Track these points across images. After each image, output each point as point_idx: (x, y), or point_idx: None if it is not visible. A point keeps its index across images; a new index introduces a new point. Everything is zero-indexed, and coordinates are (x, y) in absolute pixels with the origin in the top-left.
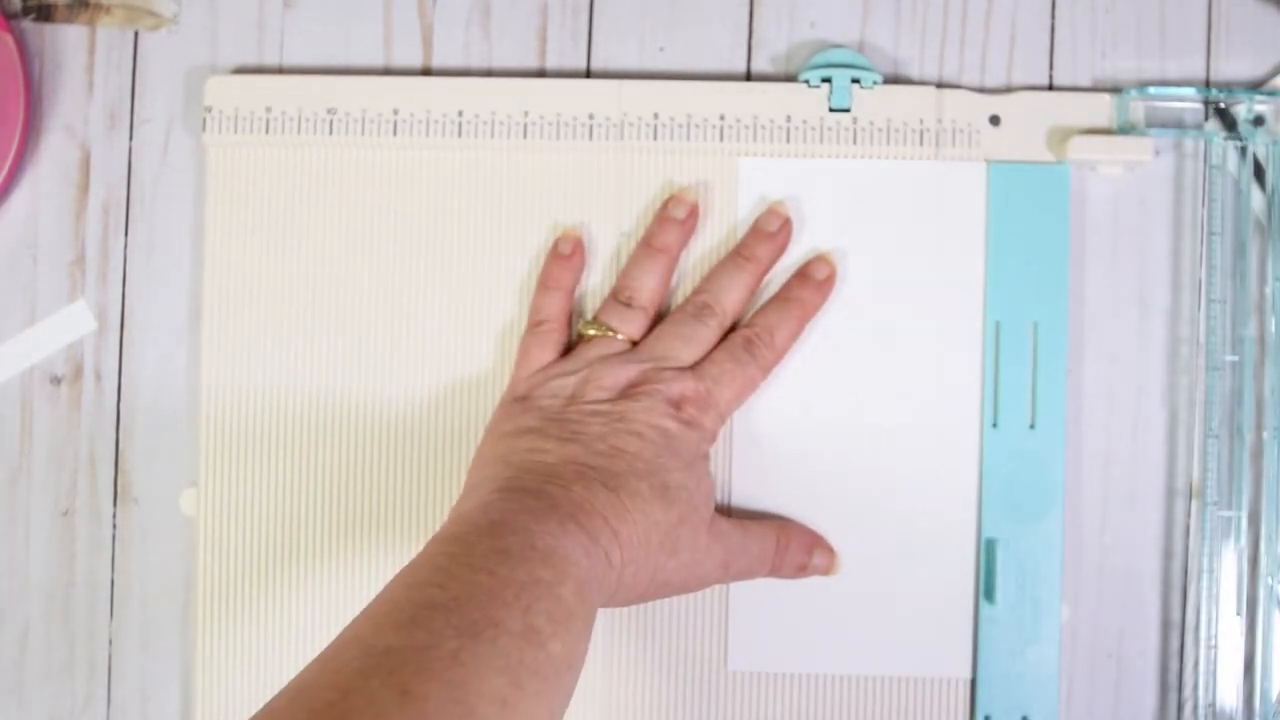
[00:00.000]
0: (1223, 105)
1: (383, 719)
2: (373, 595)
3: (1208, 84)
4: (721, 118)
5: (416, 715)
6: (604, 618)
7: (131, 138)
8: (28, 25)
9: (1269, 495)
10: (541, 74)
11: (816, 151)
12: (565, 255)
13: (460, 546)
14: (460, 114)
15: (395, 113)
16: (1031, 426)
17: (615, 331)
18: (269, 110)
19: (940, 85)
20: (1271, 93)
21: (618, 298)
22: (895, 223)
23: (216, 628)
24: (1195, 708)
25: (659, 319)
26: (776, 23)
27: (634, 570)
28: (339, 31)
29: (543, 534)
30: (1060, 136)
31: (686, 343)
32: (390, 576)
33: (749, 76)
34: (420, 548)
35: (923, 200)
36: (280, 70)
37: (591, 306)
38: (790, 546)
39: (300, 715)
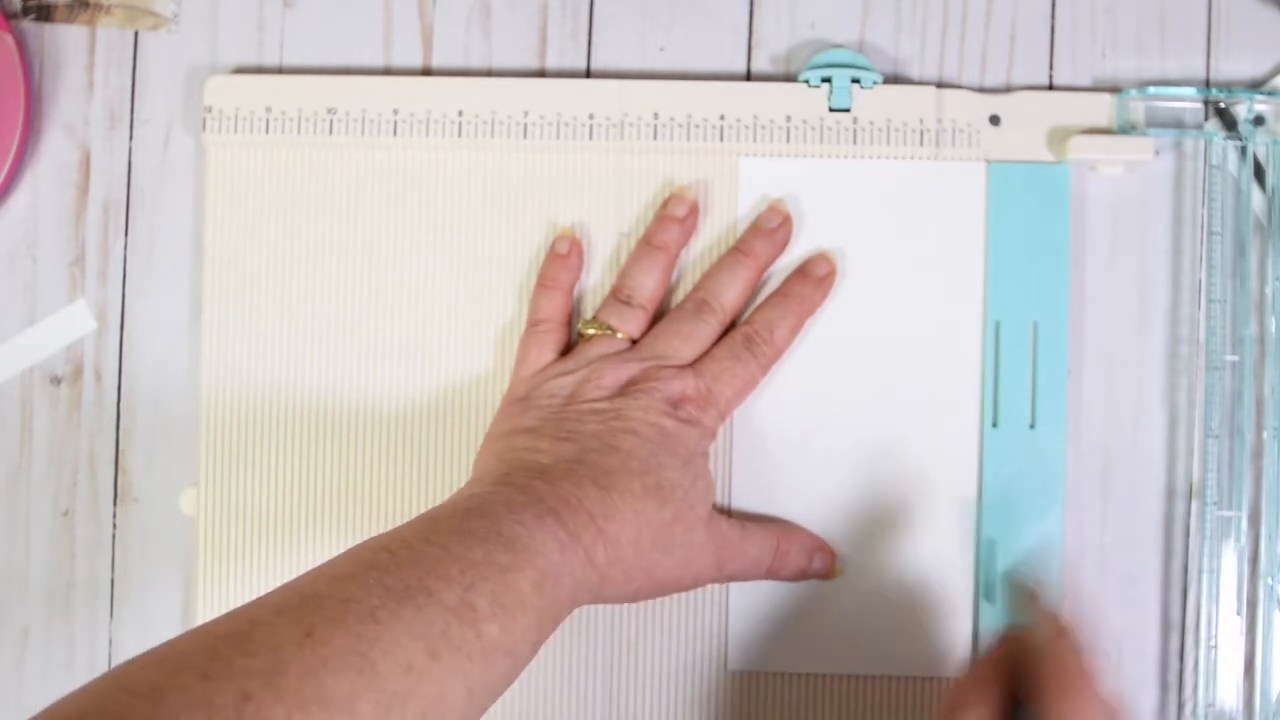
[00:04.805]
0: (1223, 105)
1: (280, 651)
2: None
3: (1208, 84)
4: (721, 118)
5: (314, 657)
6: (604, 617)
7: (131, 138)
8: (28, 25)
9: (1269, 495)
10: (541, 74)
11: (816, 151)
12: (563, 255)
13: (428, 524)
14: (460, 114)
15: (395, 113)
16: (1031, 426)
17: (615, 330)
18: (269, 110)
19: (940, 85)
20: (1271, 93)
21: (617, 296)
22: (895, 223)
23: None
24: (1195, 708)
25: (659, 317)
26: (776, 23)
27: (623, 569)
28: (339, 31)
29: (512, 522)
30: (1060, 136)
31: (686, 340)
32: None
33: (749, 76)
34: None
35: (923, 200)
36: (280, 70)
37: (591, 306)
38: (790, 552)
39: (207, 640)
